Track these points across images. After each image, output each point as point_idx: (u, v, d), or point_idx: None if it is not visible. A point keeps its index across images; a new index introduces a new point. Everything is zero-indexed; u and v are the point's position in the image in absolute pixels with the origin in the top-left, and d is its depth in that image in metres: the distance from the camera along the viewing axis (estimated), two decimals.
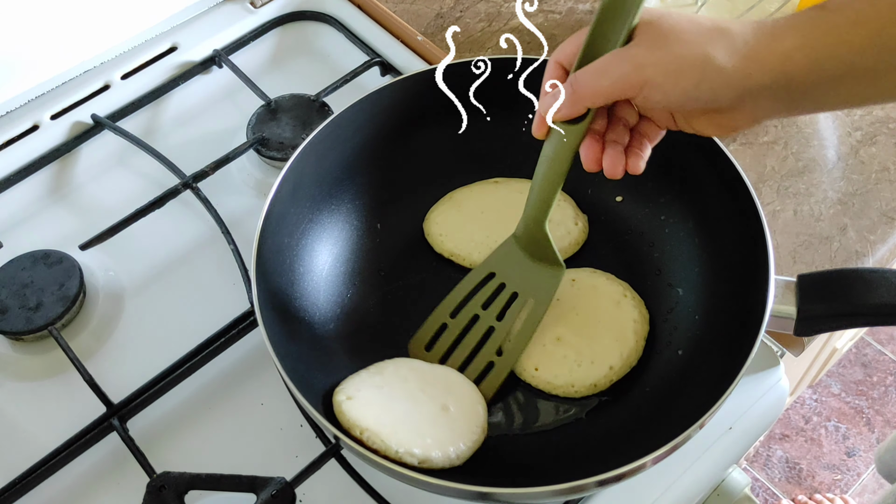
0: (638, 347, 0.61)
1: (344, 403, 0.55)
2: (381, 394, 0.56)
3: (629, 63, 0.47)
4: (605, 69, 0.48)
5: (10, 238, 0.73)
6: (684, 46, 0.46)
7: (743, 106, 0.47)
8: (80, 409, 0.62)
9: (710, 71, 0.45)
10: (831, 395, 1.67)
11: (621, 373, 0.60)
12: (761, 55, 0.45)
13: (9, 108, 0.77)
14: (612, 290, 0.63)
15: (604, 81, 0.48)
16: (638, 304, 0.63)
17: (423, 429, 0.54)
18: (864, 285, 0.53)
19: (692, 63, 0.46)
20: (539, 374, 0.60)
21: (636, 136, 0.54)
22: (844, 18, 0.44)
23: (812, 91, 0.45)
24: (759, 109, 0.47)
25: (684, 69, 0.46)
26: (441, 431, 0.54)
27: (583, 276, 0.64)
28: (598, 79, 0.49)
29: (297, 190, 0.63)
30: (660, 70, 0.46)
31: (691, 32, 0.47)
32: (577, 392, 0.60)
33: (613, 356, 0.60)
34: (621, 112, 0.53)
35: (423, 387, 0.57)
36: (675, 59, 0.46)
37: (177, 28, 0.84)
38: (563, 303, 0.63)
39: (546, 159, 0.55)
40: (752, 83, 0.45)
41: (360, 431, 0.52)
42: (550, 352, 0.61)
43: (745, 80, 0.45)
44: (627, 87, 0.47)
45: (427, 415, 0.56)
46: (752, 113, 0.48)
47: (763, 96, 0.46)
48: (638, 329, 0.61)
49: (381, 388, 0.57)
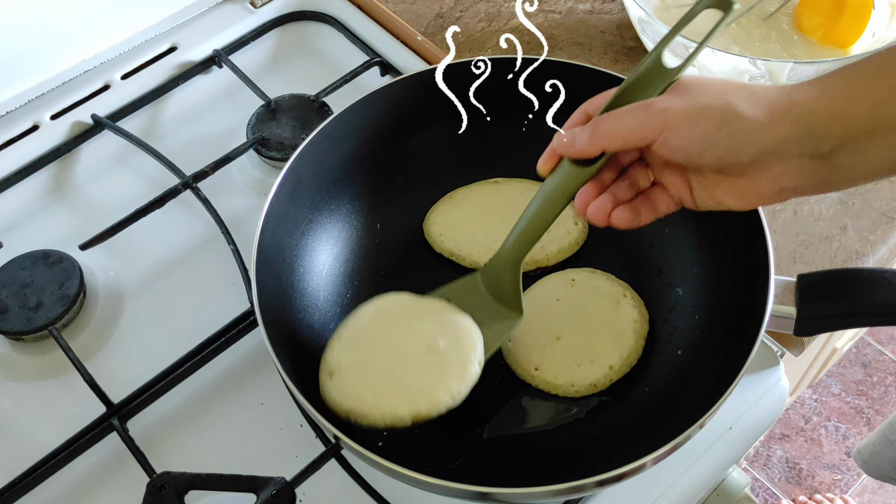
0: (638, 347, 0.61)
1: (326, 385, 0.53)
2: (363, 356, 0.54)
3: (651, 108, 0.47)
4: (627, 112, 0.48)
5: (10, 238, 0.73)
6: (706, 95, 0.46)
7: (767, 165, 0.45)
8: (80, 409, 0.62)
9: (731, 117, 0.45)
10: (831, 395, 1.67)
11: (621, 372, 0.60)
12: (783, 106, 0.44)
13: (9, 108, 0.77)
14: (612, 290, 0.63)
15: (624, 124, 0.48)
16: (638, 304, 0.63)
17: (409, 381, 0.52)
18: (864, 285, 0.53)
19: (713, 108, 0.45)
20: (539, 374, 0.60)
21: (644, 199, 0.52)
22: (864, 71, 0.44)
23: (841, 151, 0.44)
24: (785, 172, 0.45)
25: (705, 113, 0.45)
26: (430, 378, 0.53)
27: (583, 277, 0.64)
28: (618, 121, 0.48)
29: (297, 190, 0.63)
30: (681, 113, 0.46)
31: (714, 85, 0.47)
32: (577, 392, 0.60)
33: (613, 356, 0.60)
34: (634, 172, 0.52)
35: (409, 327, 0.55)
36: (696, 104, 0.46)
37: (177, 28, 0.84)
38: (563, 303, 0.63)
39: (542, 196, 0.53)
40: (775, 135, 0.44)
41: (345, 414, 0.52)
42: (550, 352, 0.61)
43: (767, 131, 0.44)
44: (647, 129, 0.47)
45: (413, 363, 0.53)
46: (778, 176, 0.46)
47: (788, 153, 0.44)
48: (638, 329, 0.61)
49: (363, 347, 0.55)
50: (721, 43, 0.76)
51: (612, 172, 0.52)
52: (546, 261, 0.66)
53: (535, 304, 0.63)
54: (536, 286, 0.65)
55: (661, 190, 0.52)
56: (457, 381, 0.53)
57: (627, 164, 0.52)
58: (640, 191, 0.52)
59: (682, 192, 0.50)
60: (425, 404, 0.52)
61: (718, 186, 0.48)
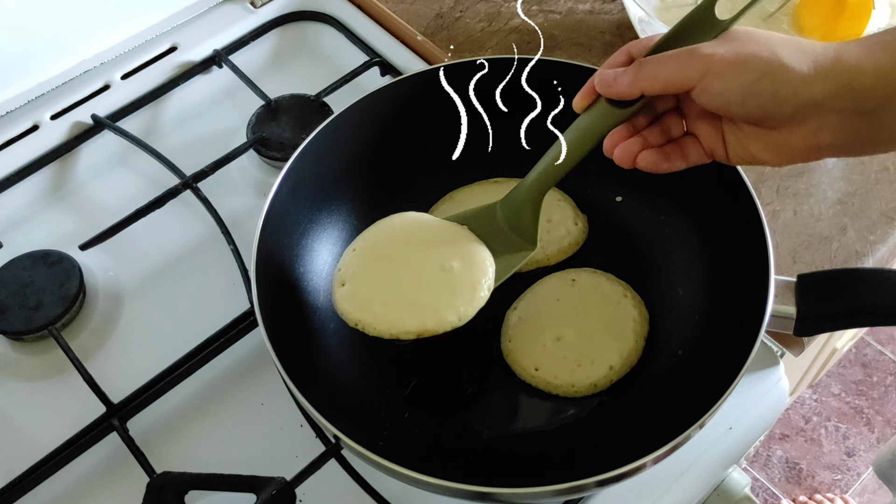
0: (638, 347, 0.61)
1: (338, 294, 0.55)
2: (377, 268, 0.56)
3: (696, 53, 0.46)
4: (671, 56, 0.48)
5: (10, 238, 0.73)
6: (752, 44, 0.46)
7: (806, 119, 0.45)
8: (80, 409, 0.62)
9: (776, 67, 0.44)
10: (831, 395, 1.67)
11: (621, 372, 0.60)
12: (829, 61, 0.44)
13: (9, 108, 0.77)
14: (612, 290, 0.63)
15: (667, 67, 0.47)
16: (638, 304, 0.63)
17: (420, 298, 0.54)
18: (864, 285, 0.53)
19: (759, 57, 0.45)
20: (539, 374, 0.60)
21: (674, 146, 0.52)
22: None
23: (884, 109, 0.44)
24: (824, 127, 0.45)
25: (750, 62, 0.45)
26: (440, 297, 0.54)
27: (583, 277, 0.64)
28: (662, 64, 0.48)
29: (297, 190, 0.63)
30: (725, 60, 0.45)
31: (761, 35, 0.46)
32: (577, 392, 0.60)
33: (613, 356, 0.60)
34: (667, 120, 0.52)
35: (425, 246, 0.56)
36: (741, 52, 0.45)
37: (177, 28, 0.84)
38: (563, 303, 0.63)
39: (573, 133, 0.53)
40: (818, 88, 0.44)
41: (354, 323, 0.53)
42: (550, 352, 0.61)
43: (811, 84, 0.44)
44: (689, 73, 0.46)
45: (425, 281, 0.54)
46: (816, 132, 0.45)
47: (829, 108, 0.44)
48: (638, 329, 0.61)
49: (378, 260, 0.56)
50: None
51: (646, 119, 0.52)
52: (546, 261, 0.66)
53: (535, 304, 0.64)
54: (536, 286, 0.65)
55: (694, 140, 0.51)
56: (465, 303, 0.54)
57: (662, 111, 0.52)
58: (672, 139, 0.52)
59: (715, 143, 0.50)
60: (433, 321, 0.53)
61: (753, 140, 0.48)
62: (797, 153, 0.47)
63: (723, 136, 0.50)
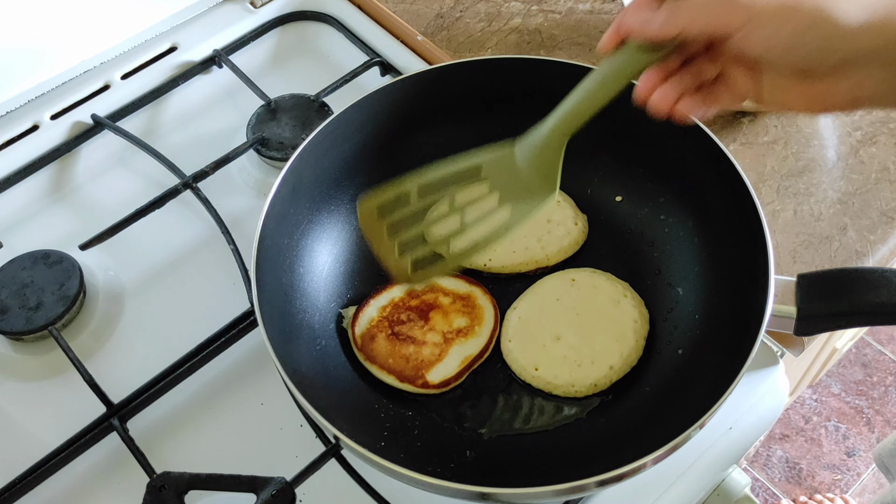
0: (638, 347, 0.61)
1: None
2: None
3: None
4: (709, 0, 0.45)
5: (10, 238, 0.73)
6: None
7: (849, 71, 0.43)
8: (80, 409, 0.62)
9: (824, 18, 0.42)
10: (831, 395, 1.67)
11: (621, 372, 0.60)
12: (879, 13, 0.42)
13: (9, 108, 0.77)
14: (612, 289, 0.63)
15: (706, 9, 0.45)
16: (638, 303, 0.63)
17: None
18: (865, 285, 0.53)
19: (805, 6, 0.42)
20: (539, 374, 0.60)
21: (707, 91, 0.49)
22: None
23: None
24: (867, 79, 0.43)
25: (796, 11, 0.43)
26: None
27: (583, 276, 0.64)
28: (700, 6, 0.45)
29: (297, 190, 0.63)
30: (770, 8, 0.43)
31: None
32: (578, 392, 0.60)
33: (613, 356, 0.60)
34: (700, 62, 0.49)
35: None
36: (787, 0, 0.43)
37: (177, 28, 0.84)
38: (563, 302, 0.63)
39: (600, 75, 0.50)
40: (866, 41, 0.42)
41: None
42: (550, 351, 0.61)
43: (859, 36, 0.42)
44: (731, 19, 0.44)
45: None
46: (858, 84, 0.44)
47: (875, 61, 0.43)
48: (638, 329, 0.61)
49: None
50: None
51: (677, 60, 0.49)
52: (546, 261, 0.66)
53: (535, 304, 0.64)
54: (537, 286, 0.65)
55: (726, 83, 0.49)
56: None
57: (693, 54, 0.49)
58: (703, 83, 0.49)
59: (748, 88, 0.48)
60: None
61: (791, 89, 0.46)
62: (835, 104, 0.46)
63: (758, 81, 0.48)
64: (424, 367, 0.60)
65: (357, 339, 0.62)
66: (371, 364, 0.61)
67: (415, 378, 0.60)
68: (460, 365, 0.60)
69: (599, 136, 0.68)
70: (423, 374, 0.60)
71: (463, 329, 0.62)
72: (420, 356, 0.61)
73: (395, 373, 0.60)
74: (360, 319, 0.62)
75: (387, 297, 0.64)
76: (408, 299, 0.63)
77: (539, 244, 0.66)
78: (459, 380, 0.61)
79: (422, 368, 0.60)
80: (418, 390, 0.60)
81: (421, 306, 0.63)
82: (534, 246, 0.66)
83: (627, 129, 0.66)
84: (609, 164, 0.69)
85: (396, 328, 0.62)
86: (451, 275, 0.65)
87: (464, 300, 0.63)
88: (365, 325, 0.62)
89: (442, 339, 0.61)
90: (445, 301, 0.63)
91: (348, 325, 0.63)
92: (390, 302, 0.63)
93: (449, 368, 0.60)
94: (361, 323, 0.62)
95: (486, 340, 0.62)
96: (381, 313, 0.63)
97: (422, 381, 0.59)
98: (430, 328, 0.62)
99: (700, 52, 0.49)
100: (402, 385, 0.60)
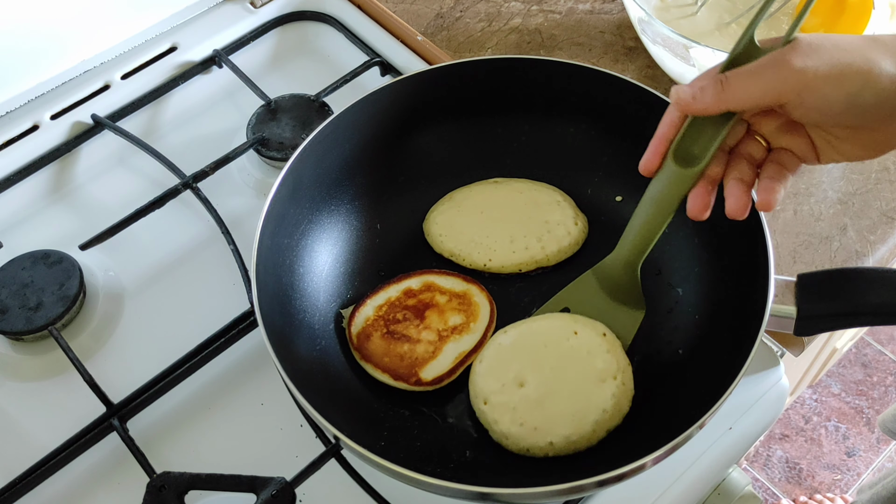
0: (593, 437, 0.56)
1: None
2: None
3: (787, 67, 0.44)
4: (758, 70, 0.45)
5: (10, 238, 0.73)
6: (844, 53, 0.44)
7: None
8: (80, 409, 0.62)
9: (875, 76, 0.43)
10: (831, 395, 1.67)
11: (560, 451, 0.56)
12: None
13: (9, 108, 0.77)
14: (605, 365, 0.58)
15: (757, 81, 0.45)
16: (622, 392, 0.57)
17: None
18: (865, 285, 0.53)
19: (855, 68, 0.44)
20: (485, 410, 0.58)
21: (772, 165, 0.49)
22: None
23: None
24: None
25: (847, 73, 0.44)
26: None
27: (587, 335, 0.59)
28: (750, 78, 0.45)
29: (297, 190, 0.63)
30: (820, 74, 0.44)
31: (847, 41, 0.45)
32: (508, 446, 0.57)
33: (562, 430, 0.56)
34: (745, 148, 0.50)
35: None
36: (836, 63, 0.44)
37: (177, 28, 0.85)
38: (548, 351, 0.59)
39: (651, 200, 0.53)
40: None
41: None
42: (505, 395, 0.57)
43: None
44: (783, 89, 0.44)
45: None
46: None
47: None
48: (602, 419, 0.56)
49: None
50: (721, 43, 0.77)
51: (719, 165, 0.50)
52: (546, 261, 0.66)
53: (520, 338, 0.60)
54: (536, 321, 0.61)
55: (784, 151, 0.49)
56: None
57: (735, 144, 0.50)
58: (759, 163, 0.50)
59: (805, 150, 0.49)
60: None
61: (846, 141, 0.47)
62: (891, 146, 0.47)
63: (812, 142, 0.48)
64: (418, 364, 0.60)
65: (353, 338, 0.62)
66: (366, 363, 0.61)
67: (408, 376, 0.60)
68: (454, 361, 0.60)
69: (599, 136, 0.69)
70: (417, 372, 0.60)
71: (458, 326, 0.62)
72: (414, 354, 0.61)
73: (390, 371, 0.60)
74: (357, 319, 0.62)
75: (383, 296, 0.64)
76: (404, 298, 0.63)
77: (539, 244, 0.66)
78: (453, 376, 0.60)
79: (415, 366, 0.60)
80: (412, 388, 0.60)
81: (417, 305, 0.63)
82: (534, 246, 0.66)
83: (627, 129, 0.66)
84: (609, 164, 0.69)
85: (392, 327, 0.62)
86: (447, 273, 0.65)
87: (460, 298, 0.63)
88: (361, 324, 0.62)
89: (437, 336, 0.61)
90: (441, 299, 0.63)
91: (346, 324, 0.63)
92: (387, 301, 0.63)
93: (442, 365, 0.60)
94: (358, 322, 0.62)
95: (480, 336, 0.62)
96: (378, 312, 0.63)
97: (415, 379, 0.59)
98: (426, 327, 0.62)
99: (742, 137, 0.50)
100: (397, 383, 0.60)
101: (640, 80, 0.65)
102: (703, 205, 0.50)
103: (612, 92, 0.65)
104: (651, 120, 0.53)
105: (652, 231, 0.54)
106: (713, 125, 0.50)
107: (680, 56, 0.72)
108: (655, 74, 0.80)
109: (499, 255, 0.66)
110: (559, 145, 0.69)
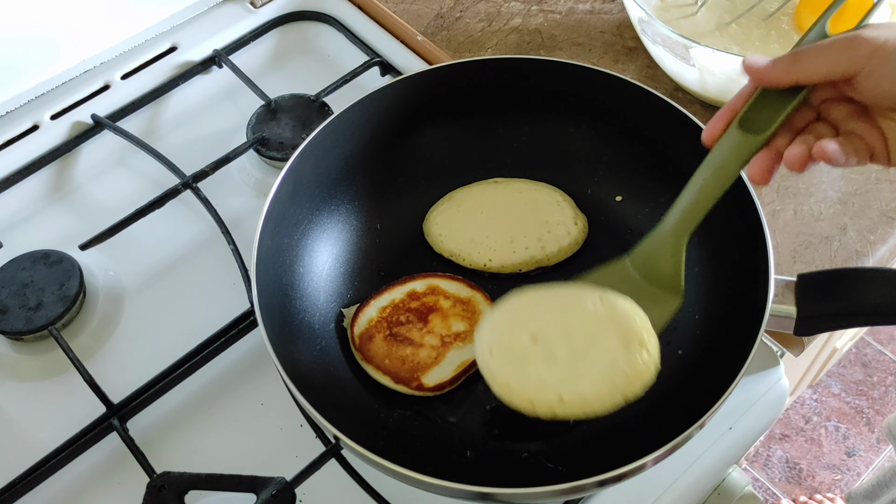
0: (607, 400, 0.52)
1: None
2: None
3: (856, 38, 0.45)
4: (829, 44, 0.45)
5: (10, 238, 0.73)
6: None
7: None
8: (80, 409, 0.62)
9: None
10: (831, 395, 1.67)
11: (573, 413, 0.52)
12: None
13: (9, 108, 0.77)
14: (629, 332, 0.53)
15: (829, 52, 0.45)
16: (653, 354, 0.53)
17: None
18: (865, 285, 0.53)
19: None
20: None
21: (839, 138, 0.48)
22: None
23: None
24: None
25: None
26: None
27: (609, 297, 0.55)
28: (822, 50, 0.45)
29: (297, 190, 0.63)
30: (892, 42, 0.44)
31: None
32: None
33: (578, 383, 0.52)
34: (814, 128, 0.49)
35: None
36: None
37: (177, 28, 0.85)
38: (569, 316, 0.55)
39: (710, 165, 0.51)
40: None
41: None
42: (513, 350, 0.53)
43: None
44: (854, 57, 0.44)
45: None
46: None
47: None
48: (621, 382, 0.52)
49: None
50: (721, 43, 0.77)
51: (786, 138, 0.49)
52: (546, 260, 0.66)
53: (540, 296, 0.55)
54: (560, 285, 0.56)
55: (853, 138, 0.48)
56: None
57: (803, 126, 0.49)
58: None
59: (875, 141, 0.48)
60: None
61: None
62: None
63: (882, 134, 0.48)
64: (420, 369, 0.60)
65: (355, 338, 0.62)
66: (368, 364, 0.61)
67: (410, 380, 0.60)
68: (456, 369, 0.60)
69: (599, 136, 0.69)
70: (419, 377, 0.60)
71: (461, 334, 0.62)
72: (416, 358, 0.60)
73: (391, 374, 0.60)
74: (360, 319, 0.62)
75: (387, 297, 0.63)
76: (408, 301, 0.63)
77: (539, 244, 0.66)
78: (455, 384, 0.60)
79: (417, 371, 0.60)
80: (413, 392, 0.60)
81: (421, 308, 0.63)
82: (534, 246, 0.66)
83: (627, 129, 0.66)
84: (609, 164, 0.69)
85: (395, 329, 0.62)
86: (452, 277, 0.65)
87: (464, 304, 0.63)
88: (364, 325, 0.62)
89: (440, 342, 0.61)
90: (446, 304, 0.63)
91: (348, 324, 0.63)
92: (391, 303, 0.63)
93: (444, 372, 0.60)
94: (360, 323, 0.62)
95: None
96: (381, 314, 0.62)
97: (416, 384, 0.59)
98: (429, 331, 0.62)
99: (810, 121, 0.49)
100: (397, 386, 0.60)
101: (640, 80, 0.65)
102: (766, 168, 0.48)
103: (612, 92, 0.65)
104: (651, 120, 0.53)
105: (707, 198, 0.52)
106: (781, 99, 0.49)
107: (680, 56, 0.72)
108: (655, 74, 0.80)
109: (499, 255, 0.66)
110: (559, 145, 0.69)
